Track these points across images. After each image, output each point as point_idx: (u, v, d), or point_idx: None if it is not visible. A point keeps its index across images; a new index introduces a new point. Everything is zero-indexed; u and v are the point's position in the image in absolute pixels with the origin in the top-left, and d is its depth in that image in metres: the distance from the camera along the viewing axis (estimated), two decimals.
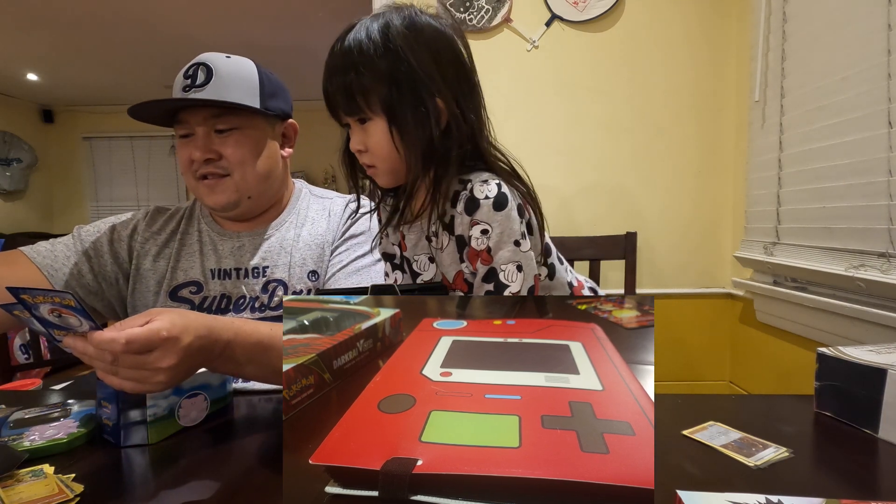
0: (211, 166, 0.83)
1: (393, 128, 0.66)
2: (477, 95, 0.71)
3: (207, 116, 0.82)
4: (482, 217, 0.66)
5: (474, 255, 0.68)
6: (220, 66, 0.82)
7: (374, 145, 0.68)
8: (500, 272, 0.67)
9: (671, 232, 1.65)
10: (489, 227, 0.66)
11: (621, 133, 1.62)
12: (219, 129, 0.83)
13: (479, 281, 0.69)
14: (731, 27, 1.60)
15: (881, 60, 1.00)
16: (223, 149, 0.83)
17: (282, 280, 0.88)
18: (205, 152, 0.82)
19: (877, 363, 0.59)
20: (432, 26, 0.67)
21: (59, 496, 0.46)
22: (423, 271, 0.76)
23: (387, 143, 0.67)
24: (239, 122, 0.83)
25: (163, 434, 0.60)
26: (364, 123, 0.68)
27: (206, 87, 0.80)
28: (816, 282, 1.20)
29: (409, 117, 0.66)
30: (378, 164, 0.70)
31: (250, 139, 0.85)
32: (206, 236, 0.91)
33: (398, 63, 0.64)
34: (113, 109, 5.41)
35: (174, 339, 0.54)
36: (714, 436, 0.58)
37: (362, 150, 0.70)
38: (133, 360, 0.52)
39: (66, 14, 3.10)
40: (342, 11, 3.08)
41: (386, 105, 0.66)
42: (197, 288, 0.88)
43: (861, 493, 0.48)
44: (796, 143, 1.27)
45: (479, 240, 0.66)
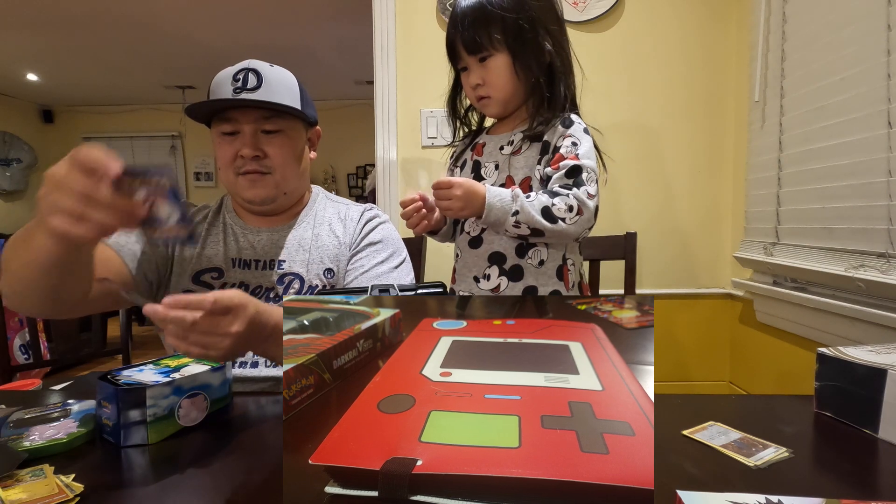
0: (255, 163, 0.89)
1: (514, 61, 0.85)
2: (567, 42, 0.91)
3: (258, 117, 0.88)
4: (574, 132, 0.85)
5: (560, 158, 0.83)
6: (268, 72, 0.88)
7: (494, 78, 0.86)
8: (585, 171, 0.82)
9: (671, 232, 1.65)
10: (578, 141, 0.84)
11: (621, 133, 1.62)
12: (265, 130, 0.89)
13: (562, 175, 0.82)
14: (730, 28, 1.60)
15: (881, 60, 1.00)
16: (269, 148, 0.89)
17: (298, 274, 0.92)
18: (253, 150, 0.87)
19: (877, 363, 0.59)
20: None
21: (59, 496, 0.46)
22: (487, 177, 0.93)
23: (507, 74, 0.86)
24: (284, 125, 0.90)
25: (163, 434, 0.60)
26: (485, 61, 0.86)
27: (258, 90, 0.86)
28: (816, 282, 1.20)
29: (528, 52, 0.85)
30: (494, 94, 0.87)
31: (292, 141, 0.92)
32: (230, 228, 0.96)
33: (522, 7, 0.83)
34: (113, 109, 5.43)
35: (244, 307, 0.59)
36: (714, 436, 0.58)
37: (481, 83, 0.87)
38: (209, 322, 0.56)
39: (66, 14, 3.11)
40: (342, 12, 3.08)
41: (508, 43, 0.84)
42: (218, 274, 0.91)
43: (861, 493, 0.48)
44: (796, 144, 1.27)
45: (569, 148, 0.83)
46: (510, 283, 0.88)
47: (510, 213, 0.80)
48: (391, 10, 1.62)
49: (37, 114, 5.39)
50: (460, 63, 0.90)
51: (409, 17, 1.62)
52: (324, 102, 5.23)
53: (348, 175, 5.66)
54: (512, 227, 0.81)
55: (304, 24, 3.34)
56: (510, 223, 0.80)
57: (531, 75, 0.86)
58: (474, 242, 0.91)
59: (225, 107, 0.88)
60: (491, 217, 0.80)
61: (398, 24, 1.62)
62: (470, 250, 0.92)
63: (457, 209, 0.80)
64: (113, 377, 0.61)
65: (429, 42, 1.60)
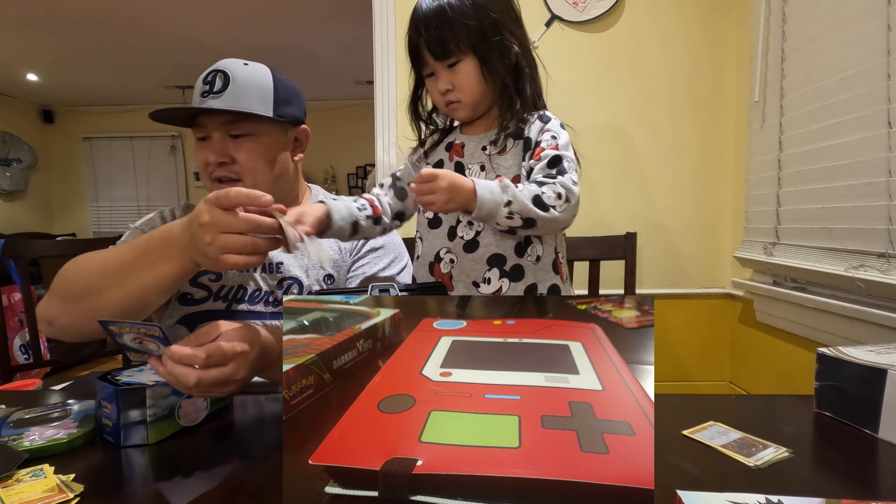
0: (224, 170, 0.87)
1: (482, 65, 0.84)
2: (526, 38, 0.91)
3: (223, 122, 0.86)
4: (552, 127, 0.85)
5: (541, 150, 0.84)
6: (238, 73, 0.86)
7: (463, 83, 0.85)
8: (565, 161, 0.82)
9: (671, 232, 1.65)
10: (557, 135, 0.85)
11: (621, 133, 1.62)
12: (233, 135, 0.87)
13: (544, 165, 0.82)
14: (730, 27, 1.60)
15: (881, 61, 1.00)
16: (237, 154, 0.87)
17: (297, 278, 0.91)
18: (219, 156, 0.86)
19: (877, 363, 0.59)
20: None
21: (59, 496, 0.46)
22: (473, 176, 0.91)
23: (475, 79, 0.85)
24: (252, 129, 0.87)
25: (163, 434, 0.60)
26: (454, 66, 0.84)
27: (222, 94, 0.84)
28: (816, 282, 1.20)
29: (495, 55, 0.84)
30: (464, 98, 0.86)
31: (262, 145, 0.89)
32: None
33: (483, 13, 0.83)
34: (113, 109, 5.42)
35: (246, 353, 0.60)
36: (714, 436, 0.58)
37: (450, 88, 0.86)
38: (214, 376, 0.57)
39: (66, 14, 3.11)
40: (342, 12, 3.08)
41: (476, 47, 0.83)
42: (216, 276, 0.91)
43: (861, 493, 0.48)
44: (796, 144, 1.27)
45: (549, 142, 0.84)
46: (511, 283, 0.87)
47: (502, 205, 0.77)
48: (391, 10, 1.62)
49: (37, 114, 5.38)
50: (426, 69, 0.88)
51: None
52: (324, 102, 5.23)
53: (348, 175, 5.66)
54: (504, 219, 0.78)
55: (304, 24, 3.34)
56: (503, 214, 0.77)
57: (499, 77, 0.86)
58: (469, 246, 0.88)
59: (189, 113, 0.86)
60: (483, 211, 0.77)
61: (398, 24, 1.62)
62: (465, 255, 0.89)
63: (441, 202, 0.76)
64: (113, 377, 0.61)
65: None
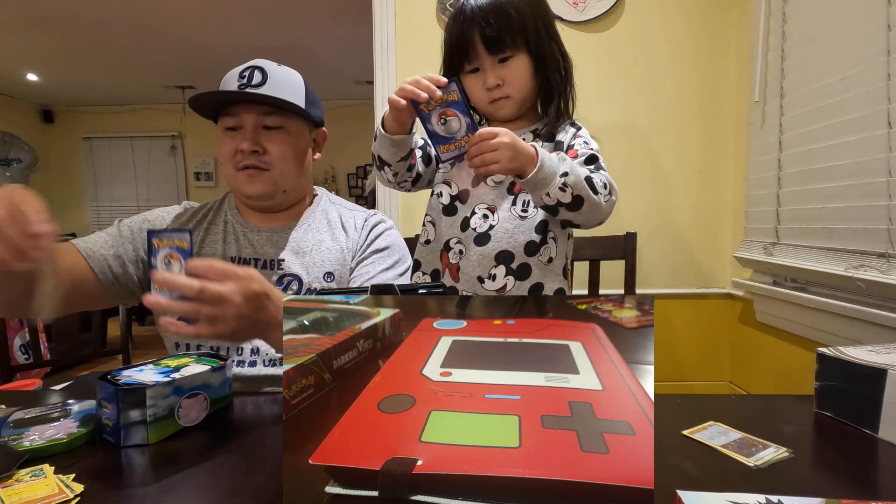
0: (254, 158, 0.89)
1: (534, 63, 0.86)
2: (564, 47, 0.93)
3: (259, 113, 0.88)
4: (583, 134, 0.89)
5: (574, 153, 0.86)
6: (274, 70, 0.90)
7: (514, 78, 0.86)
8: (601, 160, 0.84)
9: (671, 232, 1.65)
10: (589, 142, 0.88)
11: (621, 133, 1.62)
12: (266, 126, 0.89)
13: (581, 162, 0.84)
14: (730, 27, 1.60)
15: (881, 60, 1.00)
16: (269, 144, 0.89)
17: (297, 276, 0.91)
18: (252, 144, 0.88)
19: (877, 363, 0.59)
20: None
21: (59, 496, 0.46)
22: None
23: (527, 75, 0.86)
24: (285, 122, 0.90)
25: (163, 434, 0.60)
26: (505, 61, 0.85)
27: (262, 86, 0.87)
28: (816, 282, 1.20)
29: (546, 54, 0.87)
30: (513, 94, 0.87)
31: (293, 138, 0.92)
32: (230, 226, 0.96)
33: (537, 13, 0.86)
34: (113, 109, 5.42)
35: (247, 278, 0.62)
36: (714, 436, 0.58)
37: (500, 84, 0.86)
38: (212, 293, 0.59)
39: (66, 14, 3.11)
40: (342, 12, 3.08)
41: (530, 44, 0.85)
42: None
43: (861, 493, 0.48)
44: (796, 144, 1.27)
45: (582, 146, 0.86)
46: (517, 282, 0.87)
47: (559, 174, 0.74)
48: (391, 10, 1.62)
49: (37, 114, 5.38)
50: (472, 63, 0.87)
51: (409, 17, 1.62)
52: (324, 102, 5.17)
53: (348, 175, 5.66)
54: (557, 190, 0.74)
55: (304, 24, 3.34)
56: (557, 184, 0.74)
57: (546, 77, 0.88)
58: (481, 239, 0.87)
59: (228, 101, 0.89)
60: (540, 174, 0.73)
61: (398, 24, 1.62)
62: (475, 247, 0.88)
63: (506, 159, 0.71)
64: (113, 377, 0.61)
65: (429, 42, 1.60)
